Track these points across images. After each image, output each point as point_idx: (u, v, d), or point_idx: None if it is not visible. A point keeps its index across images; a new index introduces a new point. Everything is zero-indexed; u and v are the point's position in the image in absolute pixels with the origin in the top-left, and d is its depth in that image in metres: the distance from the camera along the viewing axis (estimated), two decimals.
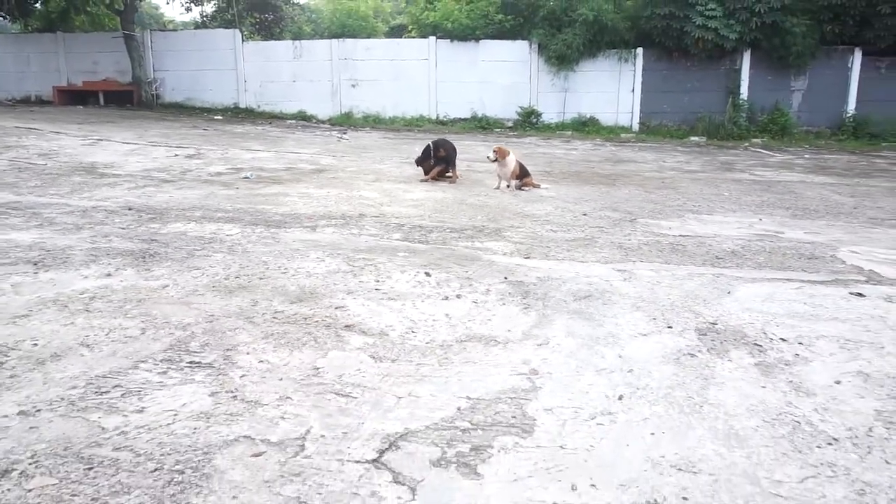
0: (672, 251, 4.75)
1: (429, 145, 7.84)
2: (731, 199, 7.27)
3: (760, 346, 3.00)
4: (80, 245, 4.35)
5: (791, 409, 2.41)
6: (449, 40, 16.64)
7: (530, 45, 16.41)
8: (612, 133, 15.75)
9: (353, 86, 17.08)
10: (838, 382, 2.65)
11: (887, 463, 2.08)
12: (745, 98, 15.94)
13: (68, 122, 12.93)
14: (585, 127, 16.19)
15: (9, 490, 1.81)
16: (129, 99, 17.55)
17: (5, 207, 5.42)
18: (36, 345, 2.75)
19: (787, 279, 4.10)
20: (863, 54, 15.61)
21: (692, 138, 15.32)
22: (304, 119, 16.80)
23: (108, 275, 3.73)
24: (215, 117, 16.25)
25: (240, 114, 17.08)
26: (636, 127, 16.39)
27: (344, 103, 17.13)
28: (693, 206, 6.74)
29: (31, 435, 2.08)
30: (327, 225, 5.22)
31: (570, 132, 15.83)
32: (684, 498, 1.87)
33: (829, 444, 2.19)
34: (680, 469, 2.02)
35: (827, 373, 2.74)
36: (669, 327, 3.19)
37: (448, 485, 1.91)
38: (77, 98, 17.74)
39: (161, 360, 2.65)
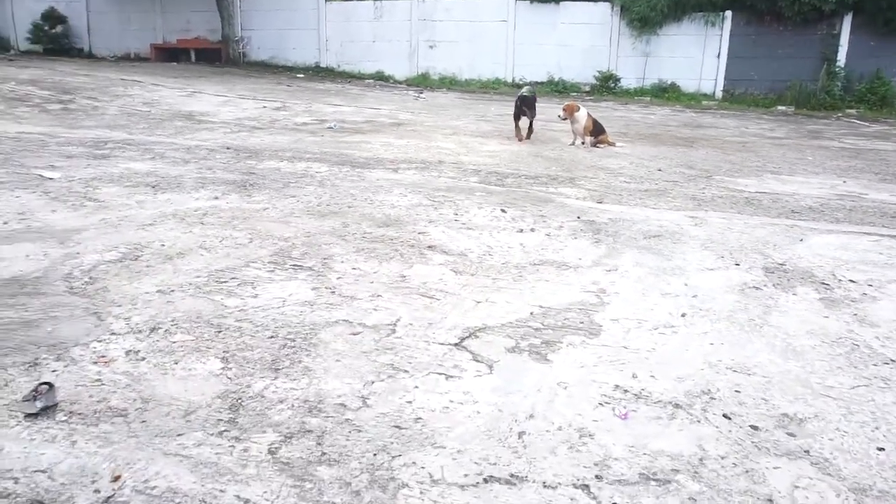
0: (746, 204, 4.76)
1: (531, 96, 7.68)
2: (814, 164, 7.06)
3: (828, 284, 3.07)
4: (189, 174, 4.82)
5: (851, 336, 2.51)
6: (529, 1, 16.45)
7: (612, 6, 15.99)
8: (694, 100, 15.25)
9: (431, 47, 17.22)
10: None
11: None
12: (842, 65, 15.01)
13: (165, 77, 13.78)
14: (665, 93, 15.74)
15: (158, 340, 2.20)
16: (218, 56, 18.39)
17: (123, 144, 6.01)
18: (163, 245, 3.18)
19: (865, 233, 4.07)
20: None
21: (779, 107, 14.65)
22: (381, 79, 17.13)
23: (216, 198, 4.17)
24: (297, 75, 16.83)
25: (321, 73, 17.60)
26: (719, 94, 15.78)
27: (421, 64, 17.32)
28: (773, 168, 6.61)
29: (168, 307, 2.48)
30: (408, 168, 5.51)
31: (648, 98, 15.44)
32: (737, 391, 2.05)
33: (886, 363, 2.29)
34: (735, 371, 2.19)
35: (894, 310, 2.80)
36: (737, 264, 3.30)
37: (521, 366, 2.16)
38: (171, 55, 18.74)
39: (268, 262, 3.01)
